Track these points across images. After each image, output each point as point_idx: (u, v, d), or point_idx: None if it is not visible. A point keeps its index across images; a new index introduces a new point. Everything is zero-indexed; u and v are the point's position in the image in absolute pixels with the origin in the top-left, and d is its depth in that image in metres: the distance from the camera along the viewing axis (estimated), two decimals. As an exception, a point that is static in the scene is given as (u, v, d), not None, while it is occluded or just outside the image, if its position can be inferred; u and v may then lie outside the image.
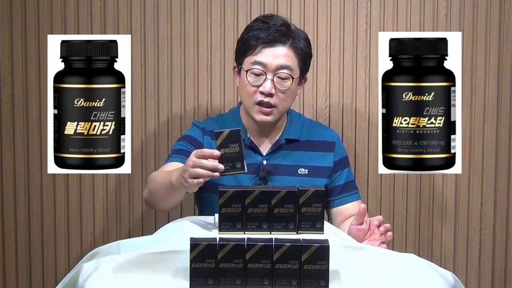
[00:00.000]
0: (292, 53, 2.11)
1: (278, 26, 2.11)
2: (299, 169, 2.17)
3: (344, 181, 2.22)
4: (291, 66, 2.10)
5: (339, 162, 2.22)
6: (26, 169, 2.60)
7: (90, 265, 1.64)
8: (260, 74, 2.10)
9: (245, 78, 2.11)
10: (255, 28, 2.13)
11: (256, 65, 2.10)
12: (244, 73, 2.11)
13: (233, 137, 1.69)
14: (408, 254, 1.76)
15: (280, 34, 2.11)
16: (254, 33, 2.12)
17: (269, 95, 2.09)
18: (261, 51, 2.10)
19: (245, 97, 2.13)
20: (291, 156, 2.19)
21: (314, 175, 2.18)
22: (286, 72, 2.10)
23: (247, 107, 2.14)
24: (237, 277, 1.56)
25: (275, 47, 2.10)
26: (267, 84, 2.09)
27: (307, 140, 2.21)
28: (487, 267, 2.62)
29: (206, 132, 2.20)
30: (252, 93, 2.11)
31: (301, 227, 1.65)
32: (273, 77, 2.09)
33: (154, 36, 2.56)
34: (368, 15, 2.55)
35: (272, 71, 2.09)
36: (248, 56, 2.11)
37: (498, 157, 2.58)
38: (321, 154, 2.21)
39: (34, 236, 2.62)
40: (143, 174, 2.59)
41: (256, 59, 2.10)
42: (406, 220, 2.60)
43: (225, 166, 1.69)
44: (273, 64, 2.09)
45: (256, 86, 2.10)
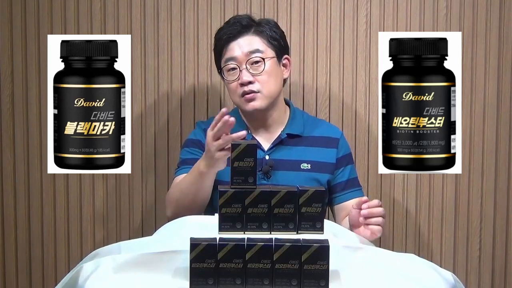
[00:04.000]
0: (257, 37, 2.18)
1: (237, 21, 2.19)
2: (301, 164, 2.18)
3: (347, 178, 2.23)
4: (259, 48, 2.16)
5: (342, 158, 2.22)
6: (26, 169, 2.60)
7: (90, 265, 1.64)
8: (234, 68, 2.16)
9: (225, 78, 2.18)
10: (219, 34, 2.22)
11: (227, 62, 2.17)
12: (223, 74, 2.18)
13: (249, 151, 1.67)
14: (408, 254, 1.76)
15: (241, 26, 2.18)
16: (218, 36, 2.21)
17: (248, 83, 2.14)
18: (228, 47, 2.17)
19: (232, 95, 2.19)
20: (293, 151, 2.19)
21: (317, 170, 2.18)
22: (255, 55, 2.15)
23: (237, 104, 2.19)
24: (237, 277, 1.56)
25: (239, 39, 2.17)
26: (242, 74, 2.14)
27: (309, 136, 2.22)
28: (487, 267, 2.62)
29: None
30: (235, 88, 2.16)
31: (301, 227, 1.65)
32: (246, 65, 2.14)
33: (154, 36, 2.56)
34: (368, 15, 2.55)
35: (242, 60, 2.15)
36: (221, 59, 2.19)
37: (498, 157, 2.58)
38: (324, 149, 2.21)
39: (34, 236, 2.62)
40: (143, 174, 2.59)
41: (226, 57, 2.17)
42: (406, 220, 2.60)
43: (237, 179, 1.66)
44: (241, 53, 2.15)
45: (235, 81, 2.15)
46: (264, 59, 2.15)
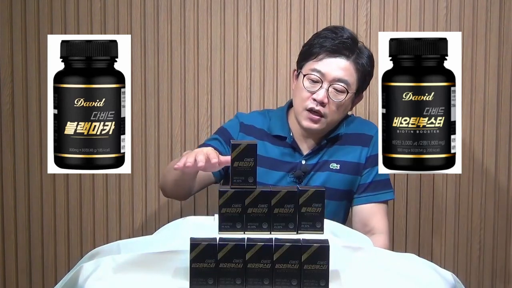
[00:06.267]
0: (352, 68, 2.12)
1: (344, 39, 2.12)
2: (331, 164, 2.17)
3: (372, 180, 2.18)
4: (349, 80, 2.11)
5: (371, 158, 2.18)
6: (26, 169, 2.60)
7: (90, 265, 1.64)
8: (317, 81, 2.11)
9: (301, 82, 2.12)
10: (322, 35, 2.14)
11: (314, 72, 2.11)
12: (302, 77, 2.13)
13: (249, 151, 1.66)
14: (408, 254, 1.76)
15: (344, 46, 2.11)
16: (320, 41, 2.13)
17: (321, 103, 2.10)
18: (322, 59, 2.11)
19: (297, 101, 2.14)
20: (328, 151, 2.18)
21: (345, 171, 2.17)
22: (342, 85, 2.10)
23: (297, 112, 2.15)
24: (237, 277, 1.55)
25: (337, 58, 2.11)
26: (321, 92, 2.10)
27: (345, 133, 2.20)
28: (487, 267, 2.62)
29: (243, 127, 2.21)
30: (305, 98, 2.12)
31: (301, 227, 1.65)
32: (329, 87, 2.10)
33: (154, 36, 2.56)
34: (368, 15, 2.55)
35: (329, 81, 2.10)
36: (309, 62, 2.13)
37: (498, 157, 2.58)
38: (355, 148, 2.19)
39: (34, 236, 2.62)
40: (143, 174, 2.59)
41: (316, 67, 2.11)
42: (406, 220, 2.60)
43: (237, 179, 1.66)
44: (332, 75, 2.10)
45: (310, 92, 2.11)
46: (348, 93, 2.11)
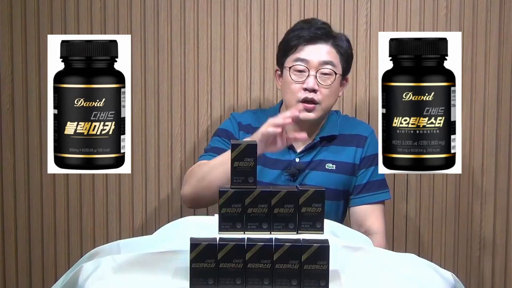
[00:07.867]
0: (334, 50, 2.14)
1: (319, 26, 2.15)
2: (326, 164, 2.17)
3: (367, 180, 2.19)
4: (334, 62, 2.13)
5: (365, 159, 2.19)
6: (26, 169, 2.60)
7: (90, 265, 1.64)
8: (303, 70, 2.12)
9: (288, 76, 2.13)
10: (296, 29, 2.16)
11: (298, 62, 2.12)
12: (287, 71, 2.13)
13: (249, 151, 1.66)
14: (408, 254, 1.76)
15: (321, 33, 2.14)
16: (296, 33, 2.15)
17: (313, 90, 2.11)
18: (303, 48, 2.13)
19: (288, 96, 2.15)
20: (322, 151, 2.19)
21: (341, 171, 2.18)
22: (329, 67, 2.12)
23: (291, 106, 2.14)
24: (237, 277, 1.55)
25: (317, 44, 2.13)
26: (310, 80, 2.11)
27: (340, 134, 2.21)
28: (488, 267, 2.62)
29: (242, 127, 2.21)
30: (296, 90, 2.12)
31: (301, 227, 1.65)
32: (316, 73, 2.11)
33: (154, 36, 2.56)
34: (368, 15, 2.55)
35: (315, 67, 2.11)
36: (290, 55, 2.14)
37: (498, 157, 2.58)
38: (350, 149, 2.20)
39: (34, 236, 2.62)
40: (143, 174, 2.59)
41: (299, 56, 2.12)
42: (406, 220, 2.60)
43: (237, 179, 1.66)
44: (316, 61, 2.11)
45: (299, 83, 2.11)
46: (336, 74, 2.13)
